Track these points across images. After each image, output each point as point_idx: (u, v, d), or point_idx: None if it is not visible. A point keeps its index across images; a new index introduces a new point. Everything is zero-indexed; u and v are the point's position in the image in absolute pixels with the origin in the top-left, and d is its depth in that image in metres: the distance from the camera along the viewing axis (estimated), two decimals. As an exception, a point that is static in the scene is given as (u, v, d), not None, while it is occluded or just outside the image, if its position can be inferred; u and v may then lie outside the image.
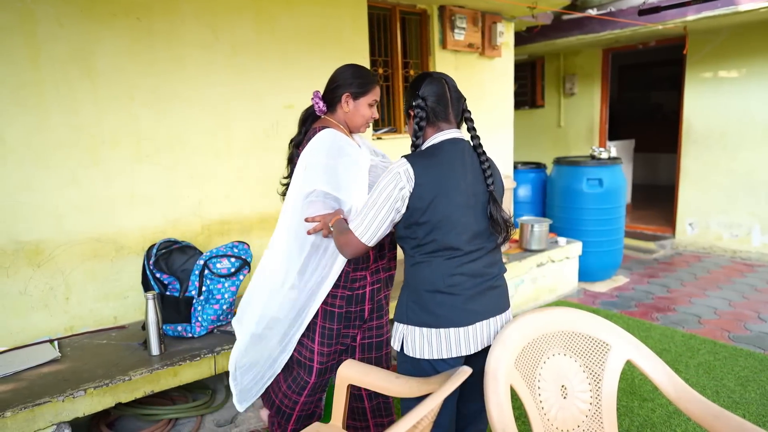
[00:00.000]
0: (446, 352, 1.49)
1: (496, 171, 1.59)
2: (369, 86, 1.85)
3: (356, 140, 1.93)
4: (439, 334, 1.48)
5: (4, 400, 1.87)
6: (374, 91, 1.86)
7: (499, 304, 1.56)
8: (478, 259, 1.51)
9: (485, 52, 4.19)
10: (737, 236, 5.14)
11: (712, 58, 5.13)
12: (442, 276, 1.47)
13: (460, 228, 1.47)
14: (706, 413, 1.37)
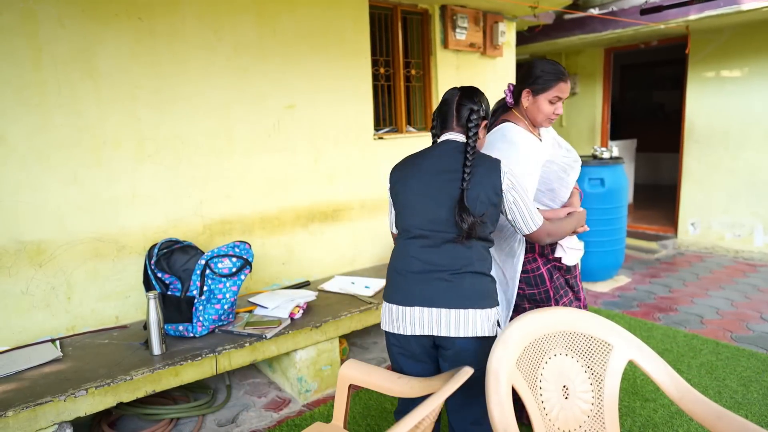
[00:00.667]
0: (389, 326, 1.63)
1: (489, 176, 1.57)
2: (550, 83, 1.88)
3: (541, 134, 2.00)
4: (388, 309, 1.64)
5: (6, 399, 1.88)
6: (556, 88, 1.87)
7: (449, 297, 1.54)
8: (435, 247, 1.57)
9: (487, 51, 4.18)
10: (740, 236, 5.13)
11: (715, 58, 5.12)
12: (400, 256, 1.63)
13: (415, 212, 1.59)
14: (708, 414, 1.36)
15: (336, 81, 3.34)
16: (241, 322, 2.52)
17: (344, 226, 3.49)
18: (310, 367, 2.61)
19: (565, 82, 1.89)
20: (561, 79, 1.88)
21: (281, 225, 3.18)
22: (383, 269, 3.55)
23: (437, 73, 3.92)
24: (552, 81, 1.88)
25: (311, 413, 2.49)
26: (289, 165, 3.18)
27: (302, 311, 2.69)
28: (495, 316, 1.61)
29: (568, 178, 1.98)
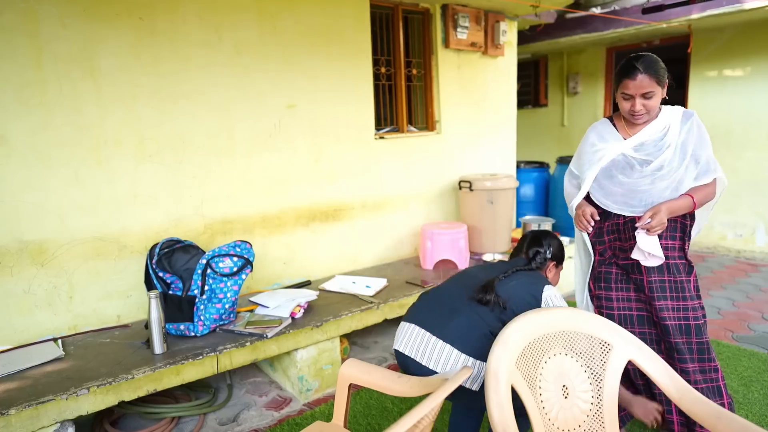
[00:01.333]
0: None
1: (531, 285, 1.84)
2: (617, 80, 1.96)
3: (632, 132, 2.05)
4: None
5: (9, 398, 1.89)
6: (623, 84, 1.92)
7: (448, 330, 1.71)
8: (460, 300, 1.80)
9: (488, 51, 4.18)
10: (741, 236, 5.12)
11: (717, 57, 5.11)
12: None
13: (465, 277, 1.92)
14: (708, 413, 1.36)
15: (337, 80, 3.34)
16: (242, 322, 2.52)
17: (345, 226, 3.49)
18: (311, 366, 2.62)
19: (632, 78, 1.89)
20: (624, 75, 1.91)
21: (282, 224, 3.19)
22: (384, 269, 3.55)
23: (438, 73, 3.92)
24: (618, 77, 1.95)
25: (312, 412, 2.50)
26: (290, 164, 3.18)
27: (303, 311, 2.69)
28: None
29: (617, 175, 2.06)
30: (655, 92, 1.91)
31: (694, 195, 1.94)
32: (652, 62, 1.90)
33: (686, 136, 1.97)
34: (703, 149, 1.97)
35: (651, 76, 1.88)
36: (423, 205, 3.94)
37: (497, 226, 3.79)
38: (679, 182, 1.96)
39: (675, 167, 1.96)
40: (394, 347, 1.80)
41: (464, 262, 3.50)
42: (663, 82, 1.92)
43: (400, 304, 2.96)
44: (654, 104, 1.93)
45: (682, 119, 2.00)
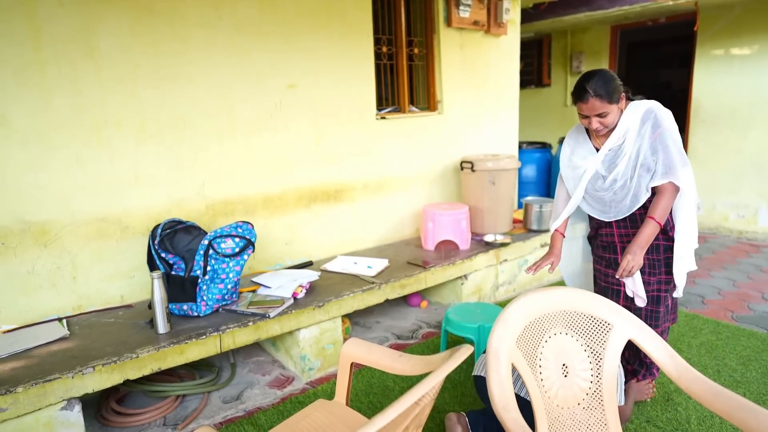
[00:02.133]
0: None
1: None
2: (574, 99, 2.03)
3: (601, 141, 2.13)
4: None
5: (16, 376, 1.92)
6: (578, 106, 2.02)
7: None
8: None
9: (491, 29, 4.12)
10: (744, 217, 5.11)
11: (724, 35, 5.03)
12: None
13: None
14: (706, 392, 1.38)
15: (338, 60, 3.30)
16: (245, 302, 2.54)
17: (347, 207, 3.49)
18: (313, 345, 2.64)
19: (584, 101, 1.97)
20: (576, 98, 2.01)
21: (284, 205, 3.19)
22: (385, 250, 3.56)
23: (440, 52, 3.87)
24: (573, 97, 2.04)
25: (314, 391, 2.53)
26: (291, 145, 3.17)
27: (305, 291, 2.71)
28: None
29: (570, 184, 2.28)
30: (609, 111, 1.98)
31: (654, 215, 2.00)
32: (603, 83, 1.95)
33: (640, 142, 2.02)
34: (660, 152, 1.99)
35: (602, 98, 1.95)
36: (424, 185, 3.93)
37: (499, 207, 3.78)
38: (634, 195, 2.05)
39: (628, 178, 2.05)
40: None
41: (465, 242, 3.50)
42: (615, 100, 1.97)
43: (402, 284, 2.98)
44: (611, 120, 2.01)
45: (641, 122, 2.02)
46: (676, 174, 1.96)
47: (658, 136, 1.99)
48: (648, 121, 2.01)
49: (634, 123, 2.02)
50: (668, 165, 1.97)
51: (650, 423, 2.18)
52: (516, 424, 1.24)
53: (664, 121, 1.99)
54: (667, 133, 1.98)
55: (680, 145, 2.01)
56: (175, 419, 2.34)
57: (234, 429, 2.24)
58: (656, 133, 1.99)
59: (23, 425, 1.88)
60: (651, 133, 1.99)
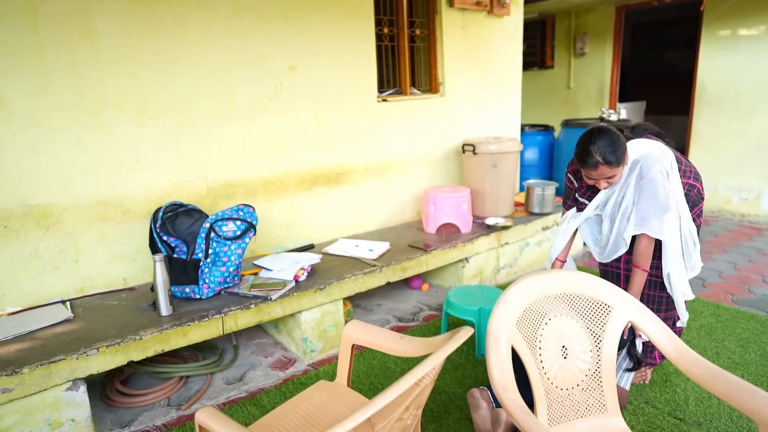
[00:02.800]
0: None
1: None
2: (580, 163, 2.02)
3: (604, 189, 2.14)
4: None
5: (21, 357, 1.94)
6: (585, 171, 2.03)
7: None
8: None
9: (494, 10, 4.06)
10: (746, 200, 5.09)
11: (731, 16, 4.95)
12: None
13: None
14: (704, 373, 1.39)
15: (338, 41, 3.26)
16: (247, 284, 2.56)
17: (348, 190, 3.48)
18: (315, 328, 2.67)
19: (593, 169, 1.96)
20: (584, 164, 1.99)
21: (285, 188, 3.18)
22: (387, 233, 3.57)
23: (442, 33, 3.83)
24: (578, 162, 2.02)
25: (316, 372, 2.56)
26: (292, 127, 3.15)
27: (307, 274, 2.72)
28: None
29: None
30: (616, 173, 1.99)
31: (638, 263, 2.05)
32: (612, 149, 1.92)
33: (625, 190, 2.05)
34: (638, 203, 2.01)
35: (611, 165, 1.93)
36: (426, 168, 3.92)
37: (501, 190, 3.77)
38: (614, 242, 2.12)
39: (613, 224, 2.11)
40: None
41: (467, 225, 3.51)
42: (622, 160, 1.96)
43: (403, 267, 2.99)
44: (617, 179, 2.03)
45: (629, 170, 2.04)
46: (648, 225, 1.98)
47: (642, 187, 2.00)
48: (634, 171, 2.02)
49: (624, 171, 2.06)
50: (642, 216, 1.99)
51: (649, 404, 2.21)
52: (515, 405, 1.26)
53: (649, 172, 1.99)
54: (649, 185, 1.99)
55: (663, 195, 1.98)
56: (179, 400, 2.38)
57: (237, 410, 2.27)
58: (640, 184, 2.01)
59: (30, 405, 1.91)
60: (635, 183, 2.02)
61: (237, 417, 2.22)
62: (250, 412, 2.24)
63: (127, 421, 2.24)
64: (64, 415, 1.98)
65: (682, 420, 2.10)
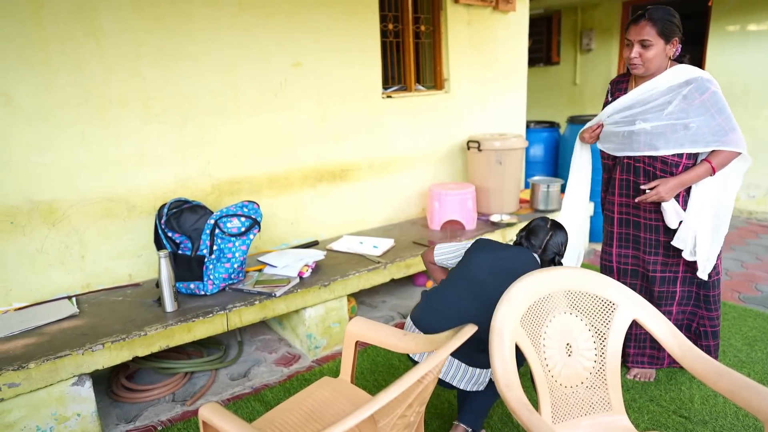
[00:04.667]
0: None
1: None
2: (627, 25, 1.96)
3: (643, 84, 2.02)
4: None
5: (28, 352, 1.95)
6: (628, 30, 1.94)
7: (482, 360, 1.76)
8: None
9: (499, 6, 4.04)
10: (754, 197, 5.05)
11: (739, 11, 4.90)
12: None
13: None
14: (709, 371, 1.38)
15: (343, 38, 3.26)
16: (251, 281, 2.56)
17: (352, 186, 3.48)
18: (319, 324, 2.67)
19: (635, 23, 1.90)
20: (631, 20, 1.93)
21: (289, 185, 3.18)
22: (391, 229, 3.57)
23: (447, 30, 3.81)
24: (628, 24, 1.95)
25: (320, 368, 2.56)
26: (296, 124, 3.15)
27: (311, 270, 2.72)
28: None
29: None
30: (654, 43, 1.87)
31: (712, 160, 1.93)
32: (662, 13, 1.86)
33: (680, 100, 1.92)
34: (712, 115, 1.90)
35: (653, 24, 1.85)
36: (431, 165, 3.91)
37: (505, 187, 3.76)
38: (660, 136, 1.98)
39: (656, 123, 1.98)
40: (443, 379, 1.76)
41: (471, 222, 3.50)
42: (667, 35, 1.87)
43: (407, 264, 2.98)
44: (651, 56, 1.90)
45: (684, 82, 1.92)
46: (728, 139, 1.87)
47: (707, 101, 1.88)
48: (693, 83, 1.90)
49: (676, 79, 1.92)
50: (716, 131, 1.88)
51: (653, 402, 2.20)
52: (519, 402, 1.25)
53: (711, 86, 1.90)
54: (715, 98, 1.88)
55: (728, 112, 1.90)
56: (184, 395, 2.39)
57: (241, 405, 2.28)
58: (703, 97, 1.89)
59: (36, 400, 1.93)
60: (695, 96, 1.89)
61: (241, 413, 2.22)
62: (254, 408, 2.25)
63: (132, 416, 2.25)
64: (70, 410, 2.00)
65: (687, 418, 2.09)
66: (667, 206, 2.04)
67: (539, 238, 1.92)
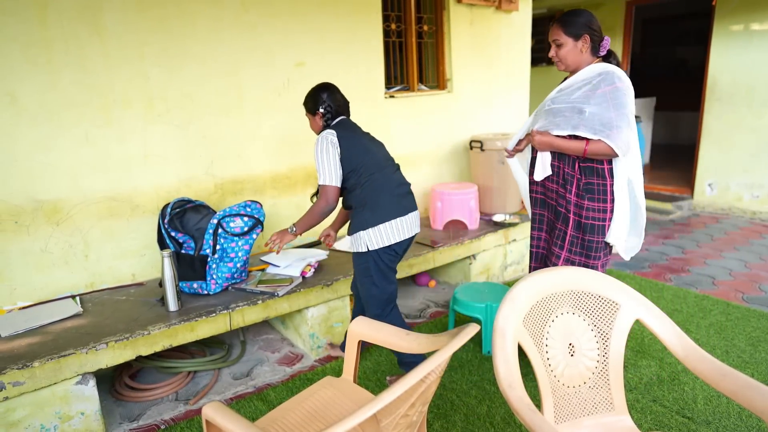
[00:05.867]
0: (405, 234, 2.20)
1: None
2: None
3: (573, 77, 2.12)
4: (399, 221, 2.19)
5: (32, 351, 1.96)
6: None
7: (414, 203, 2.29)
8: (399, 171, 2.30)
9: (502, 5, 4.03)
10: (758, 197, 5.03)
11: (743, 9, 4.88)
12: (387, 183, 2.22)
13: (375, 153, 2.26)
14: (713, 371, 1.38)
15: (346, 38, 3.26)
16: (254, 280, 2.57)
17: (355, 186, 3.48)
18: (322, 324, 2.67)
19: (550, 25, 2.08)
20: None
21: (292, 184, 3.19)
22: (394, 229, 3.56)
23: (450, 29, 3.81)
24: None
25: (323, 368, 2.57)
26: (300, 124, 3.14)
27: (314, 270, 2.73)
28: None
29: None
30: (564, 42, 2.04)
31: (590, 144, 1.99)
32: (568, 15, 2.04)
33: (585, 88, 2.00)
34: (602, 106, 1.95)
35: (561, 25, 2.04)
36: (433, 165, 3.91)
37: (508, 187, 3.76)
38: (557, 122, 2.06)
39: (557, 112, 2.07)
40: (409, 236, 2.19)
41: (474, 222, 3.49)
42: (575, 33, 2.02)
43: (410, 263, 2.98)
44: (564, 53, 2.06)
45: (597, 75, 2.01)
46: (610, 134, 1.92)
47: (609, 93, 1.95)
48: (603, 75, 1.99)
49: (591, 73, 2.03)
50: (605, 122, 1.94)
51: (657, 402, 2.19)
52: (521, 402, 1.25)
53: (619, 82, 1.96)
54: (618, 93, 1.95)
55: (631, 110, 1.97)
56: (187, 394, 2.39)
57: (244, 405, 2.28)
58: (606, 89, 1.96)
59: (40, 398, 1.94)
60: (603, 85, 1.97)
61: (244, 412, 2.23)
62: (256, 407, 2.25)
63: (135, 415, 2.26)
64: (74, 409, 2.01)
65: (690, 419, 2.08)
66: (539, 156, 2.15)
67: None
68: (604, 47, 2.07)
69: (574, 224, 2.13)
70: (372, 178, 2.16)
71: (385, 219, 2.13)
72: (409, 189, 2.29)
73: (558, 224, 2.19)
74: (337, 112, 2.24)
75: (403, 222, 2.18)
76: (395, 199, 2.18)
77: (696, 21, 7.60)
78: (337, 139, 2.12)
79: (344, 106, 2.29)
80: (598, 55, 2.09)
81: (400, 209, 2.18)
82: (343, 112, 2.28)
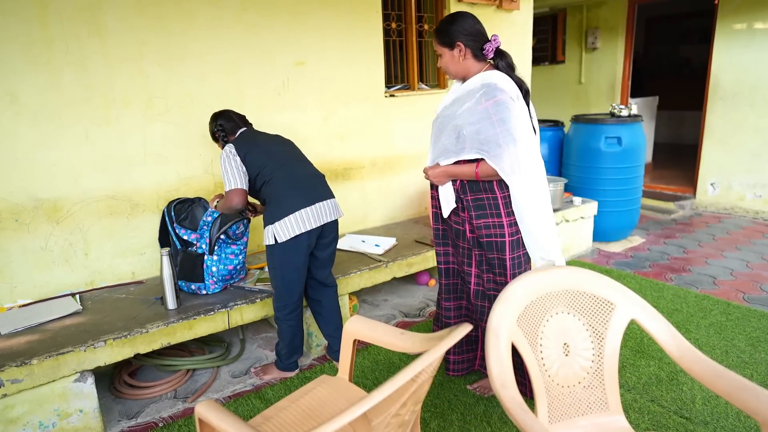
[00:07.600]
0: (312, 223, 2.20)
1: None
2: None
3: (457, 85, 2.10)
4: (305, 212, 2.20)
5: (31, 348, 1.97)
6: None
7: (328, 192, 2.34)
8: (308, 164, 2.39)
9: (503, 4, 4.02)
10: (761, 196, 5.01)
11: (746, 8, 4.85)
12: (290, 179, 2.25)
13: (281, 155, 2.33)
14: (708, 372, 1.37)
15: (346, 37, 3.26)
16: (253, 279, 2.58)
17: (355, 185, 3.49)
18: (321, 322, 2.67)
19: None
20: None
21: (292, 184, 3.19)
22: (393, 228, 3.57)
23: (451, 28, 3.80)
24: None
25: (321, 367, 2.57)
26: (299, 123, 3.16)
27: (312, 269, 2.73)
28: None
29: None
30: (441, 53, 1.99)
31: (480, 166, 1.90)
32: (444, 22, 1.98)
33: (469, 102, 1.91)
34: (481, 125, 1.86)
35: (435, 36, 2.00)
36: (434, 164, 3.90)
37: (508, 186, 3.74)
38: (443, 149, 2.01)
39: (442, 131, 2.04)
40: (318, 224, 2.22)
41: (474, 222, 3.49)
42: (448, 42, 1.94)
43: (409, 262, 2.99)
44: (444, 63, 2.01)
45: (480, 86, 1.91)
46: (490, 152, 1.84)
47: (492, 106, 1.84)
48: (485, 88, 1.88)
49: (475, 84, 1.94)
50: (484, 141, 1.85)
51: (654, 402, 2.19)
52: (513, 402, 1.25)
53: (501, 94, 1.85)
54: (501, 107, 1.83)
55: (515, 124, 1.85)
56: (186, 392, 2.40)
57: (242, 403, 2.29)
58: (485, 104, 1.85)
59: (39, 396, 1.95)
60: (484, 100, 1.86)
61: (242, 410, 2.24)
62: (254, 406, 2.26)
63: (134, 412, 2.27)
64: (73, 406, 2.02)
65: (688, 419, 2.08)
66: (441, 190, 2.08)
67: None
68: (489, 51, 1.94)
69: (474, 242, 2.06)
70: (274, 175, 2.21)
71: (290, 211, 2.16)
72: (319, 180, 2.34)
73: (459, 242, 2.11)
74: (232, 129, 2.35)
75: (309, 212, 2.19)
76: (300, 192, 2.22)
77: (700, 19, 7.56)
78: (235, 149, 2.22)
79: (239, 121, 2.38)
80: (488, 60, 1.97)
81: (304, 201, 2.20)
82: (242, 125, 2.38)
